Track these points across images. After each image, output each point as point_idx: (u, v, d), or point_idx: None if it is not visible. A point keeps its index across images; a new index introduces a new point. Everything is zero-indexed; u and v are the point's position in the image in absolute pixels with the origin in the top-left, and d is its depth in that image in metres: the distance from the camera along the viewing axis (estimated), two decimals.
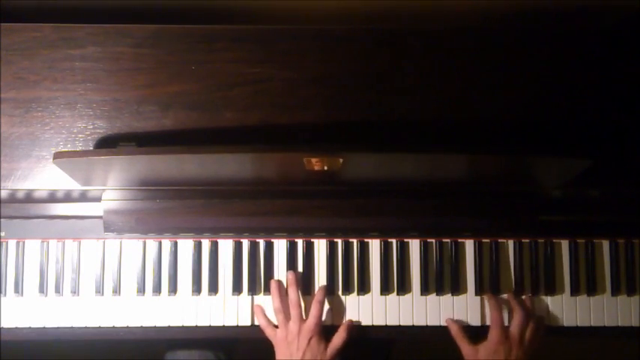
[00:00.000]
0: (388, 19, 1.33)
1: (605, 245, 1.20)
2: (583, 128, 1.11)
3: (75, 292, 1.15)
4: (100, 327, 1.15)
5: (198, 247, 1.17)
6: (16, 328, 1.14)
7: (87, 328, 1.15)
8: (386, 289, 1.17)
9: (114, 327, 1.15)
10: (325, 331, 1.12)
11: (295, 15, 1.29)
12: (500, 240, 1.19)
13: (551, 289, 1.18)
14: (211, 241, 1.17)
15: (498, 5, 1.25)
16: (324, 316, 1.14)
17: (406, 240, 1.18)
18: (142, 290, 1.16)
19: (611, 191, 1.14)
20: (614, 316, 1.18)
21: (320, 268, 1.17)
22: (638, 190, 1.13)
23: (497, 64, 1.12)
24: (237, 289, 1.16)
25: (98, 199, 1.11)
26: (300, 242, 1.18)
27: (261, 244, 1.18)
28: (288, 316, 1.12)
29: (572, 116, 1.11)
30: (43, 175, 1.08)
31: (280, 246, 1.18)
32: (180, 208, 1.11)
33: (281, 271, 1.17)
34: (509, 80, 1.11)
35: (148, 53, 1.09)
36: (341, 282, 1.17)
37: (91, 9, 1.22)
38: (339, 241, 1.18)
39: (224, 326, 1.16)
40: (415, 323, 1.17)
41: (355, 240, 1.18)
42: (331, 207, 1.12)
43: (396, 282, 1.17)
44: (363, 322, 1.16)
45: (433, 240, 1.18)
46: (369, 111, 1.10)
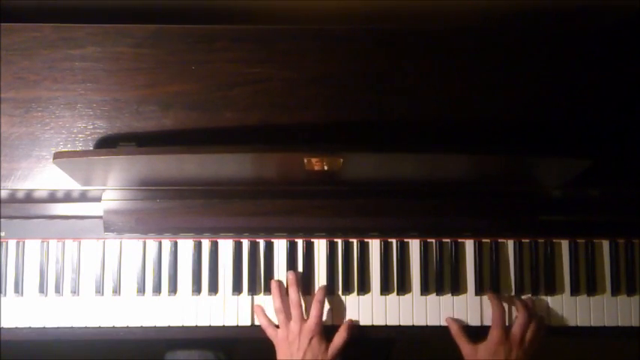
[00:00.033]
0: (388, 19, 1.33)
1: (605, 245, 1.20)
2: (583, 128, 1.11)
3: (75, 292, 1.15)
4: (100, 327, 1.15)
5: (198, 247, 1.17)
6: (16, 328, 1.14)
7: (87, 328, 1.15)
8: (386, 289, 1.17)
9: (114, 327, 1.15)
10: (325, 331, 1.12)
11: (295, 15, 1.29)
12: (500, 240, 1.19)
13: (551, 289, 1.18)
14: (211, 241, 1.17)
15: (498, 5, 1.25)
16: (324, 316, 1.14)
17: (406, 240, 1.18)
18: (142, 290, 1.16)
19: (611, 191, 1.14)
20: (614, 316, 1.18)
21: (320, 268, 1.17)
22: (638, 190, 1.13)
23: (497, 64, 1.12)
24: (237, 289, 1.16)
25: (98, 199, 1.11)
26: (300, 242, 1.18)
27: (261, 244, 1.18)
28: (289, 316, 1.12)
29: (572, 116, 1.11)
30: (43, 175, 1.08)
31: (280, 246, 1.18)
32: (180, 208, 1.11)
33: (281, 271, 1.17)
34: (509, 80, 1.11)
35: (148, 53, 1.09)
36: (341, 282, 1.17)
37: (91, 9, 1.22)
38: (339, 241, 1.18)
39: (224, 326, 1.16)
40: (415, 323, 1.17)
41: (355, 240, 1.18)
42: (331, 207, 1.12)
43: (396, 282, 1.17)
44: (363, 322, 1.16)
45: (433, 240, 1.18)
46: (369, 111, 1.10)
